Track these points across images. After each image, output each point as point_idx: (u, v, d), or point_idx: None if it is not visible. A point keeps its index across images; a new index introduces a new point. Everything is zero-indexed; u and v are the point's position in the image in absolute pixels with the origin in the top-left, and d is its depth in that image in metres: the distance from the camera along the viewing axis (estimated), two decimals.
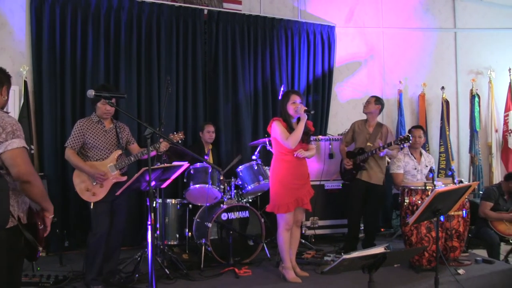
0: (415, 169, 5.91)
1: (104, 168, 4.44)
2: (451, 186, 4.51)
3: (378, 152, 5.63)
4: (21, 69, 5.98)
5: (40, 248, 2.86)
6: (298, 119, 4.69)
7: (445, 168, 8.02)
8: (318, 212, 6.45)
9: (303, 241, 6.15)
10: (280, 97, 5.56)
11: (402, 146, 5.64)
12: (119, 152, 4.57)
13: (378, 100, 5.98)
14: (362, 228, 6.31)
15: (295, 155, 4.63)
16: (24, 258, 2.92)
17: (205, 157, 6.21)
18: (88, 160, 4.45)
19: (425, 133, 7.14)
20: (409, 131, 6.08)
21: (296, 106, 4.64)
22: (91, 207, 4.41)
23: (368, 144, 5.76)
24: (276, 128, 4.63)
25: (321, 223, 6.58)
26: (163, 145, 4.62)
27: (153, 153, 4.62)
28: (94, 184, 4.40)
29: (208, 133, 6.32)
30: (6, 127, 2.70)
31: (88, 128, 4.46)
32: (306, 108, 4.63)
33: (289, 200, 4.62)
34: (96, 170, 4.38)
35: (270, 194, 4.79)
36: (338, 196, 6.51)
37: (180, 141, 4.78)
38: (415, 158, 5.95)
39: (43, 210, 2.92)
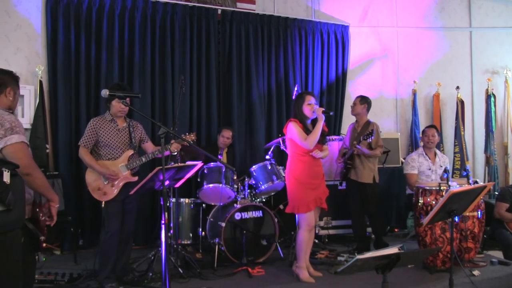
0: (430, 169, 5.87)
1: (116, 167, 4.46)
2: (466, 187, 4.47)
3: (355, 150, 5.66)
4: (36, 69, 6.05)
5: (42, 238, 2.96)
6: (313, 121, 4.70)
7: (460, 169, 7.97)
8: (331, 212, 6.42)
9: (317, 241, 6.13)
10: (294, 97, 5.56)
11: (369, 140, 5.63)
12: (131, 152, 4.58)
13: (363, 99, 6.03)
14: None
15: (312, 154, 4.63)
16: (34, 253, 3.05)
17: (219, 156, 6.22)
18: (100, 159, 4.48)
19: (439, 133, 7.09)
20: (423, 131, 6.06)
21: (312, 107, 4.66)
22: (103, 206, 4.44)
23: (354, 142, 5.77)
24: (293, 129, 4.64)
25: (334, 223, 6.56)
26: (174, 146, 4.62)
27: (166, 152, 4.63)
28: (105, 183, 4.43)
29: (222, 138, 6.28)
30: (5, 124, 2.86)
31: (101, 127, 4.49)
32: (324, 109, 4.64)
33: (308, 199, 4.63)
34: (107, 169, 4.41)
35: (288, 195, 4.78)
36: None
37: (192, 142, 4.78)
38: (429, 158, 5.91)
39: (48, 200, 3.07)
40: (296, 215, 4.79)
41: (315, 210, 4.77)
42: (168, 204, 5.33)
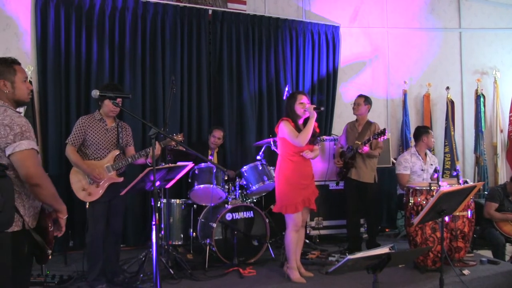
0: (422, 169, 5.90)
1: (101, 168, 4.42)
2: (456, 187, 4.50)
3: (361, 147, 5.64)
4: (26, 69, 5.96)
5: (49, 251, 2.80)
6: (305, 120, 4.69)
7: (450, 169, 8.01)
8: (322, 213, 6.44)
9: (308, 241, 6.16)
10: (284, 97, 5.57)
11: (381, 140, 5.66)
12: (117, 152, 4.55)
13: (367, 100, 6.03)
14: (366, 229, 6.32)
15: (302, 154, 4.63)
16: (32, 261, 2.87)
17: (210, 157, 6.22)
18: (86, 159, 4.45)
19: None
20: (425, 131, 6.02)
21: (304, 106, 4.65)
22: (87, 207, 4.40)
23: (356, 142, 5.77)
24: (285, 127, 4.63)
25: (325, 223, 6.58)
26: (156, 148, 4.48)
27: (142, 160, 4.60)
28: (90, 183, 4.39)
29: (213, 138, 6.26)
30: (14, 128, 2.64)
31: (90, 125, 4.46)
32: (315, 106, 4.64)
33: (296, 200, 4.62)
34: (93, 170, 4.37)
35: (277, 195, 4.77)
36: (343, 197, 6.49)
37: (180, 142, 4.76)
38: (422, 158, 5.94)
39: (55, 211, 2.86)
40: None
41: (305, 210, 4.77)
42: (159, 205, 5.32)
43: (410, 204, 5.05)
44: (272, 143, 5.91)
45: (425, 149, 6.03)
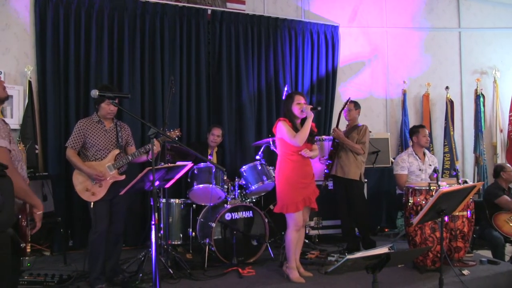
0: (420, 169, 5.89)
1: (102, 168, 4.43)
2: (456, 187, 4.49)
3: (334, 133, 5.79)
4: (25, 69, 6.00)
5: (23, 244, 2.80)
6: (303, 120, 4.70)
7: (450, 168, 8.02)
8: (321, 212, 6.42)
9: (307, 241, 6.15)
10: (284, 97, 5.58)
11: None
12: (117, 151, 4.55)
13: (357, 105, 6.08)
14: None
15: (301, 153, 4.64)
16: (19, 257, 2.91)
17: (209, 157, 6.21)
18: (87, 160, 4.46)
19: (429, 133, 7.13)
20: (415, 130, 6.02)
21: (301, 106, 4.67)
22: (91, 206, 4.41)
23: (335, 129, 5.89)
24: (283, 127, 4.64)
25: (324, 223, 6.58)
26: (156, 146, 4.53)
27: (143, 158, 4.62)
28: (93, 184, 4.40)
29: (212, 136, 6.23)
30: None
31: (89, 128, 4.47)
32: (311, 106, 4.66)
33: (297, 199, 4.63)
34: (94, 170, 4.38)
35: (278, 195, 4.77)
36: None
37: (176, 138, 4.77)
38: (419, 158, 5.93)
39: (31, 206, 2.92)
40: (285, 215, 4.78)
41: (305, 210, 4.77)
42: (158, 205, 5.31)
43: (409, 204, 5.05)
44: (271, 143, 5.90)
45: (421, 149, 6.01)
